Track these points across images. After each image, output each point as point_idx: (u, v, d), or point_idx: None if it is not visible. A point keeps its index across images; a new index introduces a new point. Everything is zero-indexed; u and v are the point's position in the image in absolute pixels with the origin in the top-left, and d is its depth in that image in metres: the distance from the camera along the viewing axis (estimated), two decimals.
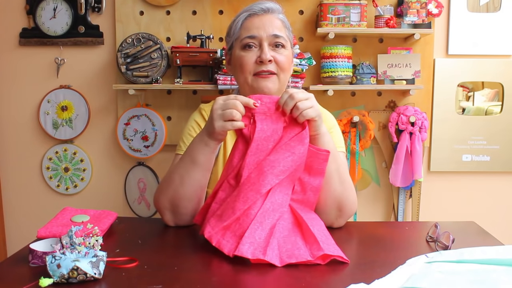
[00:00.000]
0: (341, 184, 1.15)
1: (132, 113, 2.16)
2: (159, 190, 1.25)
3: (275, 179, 1.00)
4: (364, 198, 2.26)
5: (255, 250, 0.92)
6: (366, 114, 2.15)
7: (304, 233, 0.99)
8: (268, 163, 1.01)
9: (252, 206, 0.99)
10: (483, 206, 2.26)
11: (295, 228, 1.01)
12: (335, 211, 1.17)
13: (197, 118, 1.40)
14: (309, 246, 0.95)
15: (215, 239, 0.98)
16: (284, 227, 1.00)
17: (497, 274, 0.82)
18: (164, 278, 0.87)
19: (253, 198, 0.99)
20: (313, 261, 0.92)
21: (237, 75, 1.33)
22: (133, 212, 2.26)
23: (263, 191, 0.99)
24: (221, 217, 1.01)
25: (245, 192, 1.00)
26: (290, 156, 1.02)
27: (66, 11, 2.16)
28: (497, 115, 2.21)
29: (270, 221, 0.99)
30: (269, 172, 1.00)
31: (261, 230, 0.97)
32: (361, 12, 2.01)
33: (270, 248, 0.93)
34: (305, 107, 1.04)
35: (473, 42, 2.18)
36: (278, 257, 0.92)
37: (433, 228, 1.10)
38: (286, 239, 0.97)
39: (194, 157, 1.15)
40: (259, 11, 1.28)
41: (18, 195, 2.29)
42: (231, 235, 0.98)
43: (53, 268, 0.83)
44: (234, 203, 1.00)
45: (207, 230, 1.01)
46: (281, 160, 1.01)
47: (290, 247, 0.95)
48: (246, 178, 1.01)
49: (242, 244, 0.93)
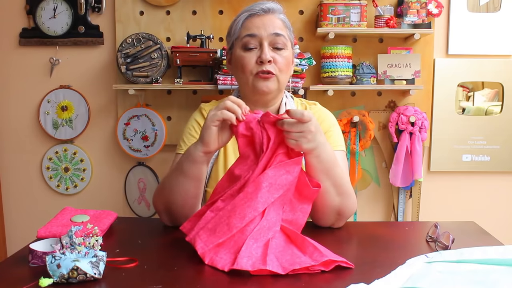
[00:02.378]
0: (338, 195, 1.14)
1: (132, 113, 2.16)
2: (156, 193, 1.25)
3: (271, 197, 0.98)
4: (364, 198, 2.26)
5: (254, 263, 0.89)
6: (366, 114, 2.15)
7: (301, 245, 0.96)
8: (267, 178, 0.98)
9: (249, 223, 0.95)
10: (483, 206, 2.26)
11: (290, 244, 0.97)
12: (334, 217, 1.17)
13: (197, 118, 1.40)
14: (309, 255, 0.92)
15: (208, 257, 0.94)
16: (278, 243, 0.97)
17: (497, 274, 0.82)
18: (164, 278, 0.87)
19: (251, 216, 0.95)
20: (316, 267, 0.89)
21: (237, 75, 1.33)
22: (133, 212, 2.26)
23: (260, 209, 0.96)
24: (215, 232, 0.96)
25: (242, 208, 0.96)
26: (284, 174, 0.99)
27: (66, 11, 2.16)
28: (497, 115, 2.21)
29: (264, 238, 0.96)
30: (266, 189, 0.97)
31: (256, 246, 0.93)
32: (361, 12, 2.01)
33: (270, 259, 0.90)
34: (289, 136, 1.02)
35: (473, 42, 2.18)
36: (279, 266, 0.89)
37: (433, 228, 1.10)
38: (283, 252, 0.94)
39: (185, 169, 1.13)
40: (259, 11, 1.28)
41: (18, 195, 2.29)
42: (225, 252, 0.94)
43: (53, 268, 0.83)
44: (229, 218, 0.96)
45: (199, 245, 0.97)
46: (277, 177, 0.99)
47: (290, 257, 0.92)
48: (243, 192, 0.98)
49: (240, 258, 0.90)
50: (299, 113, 1.01)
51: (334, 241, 1.12)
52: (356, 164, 2.16)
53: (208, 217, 1.01)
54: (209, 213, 1.02)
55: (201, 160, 1.11)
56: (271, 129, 1.02)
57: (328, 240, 1.11)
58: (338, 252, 0.95)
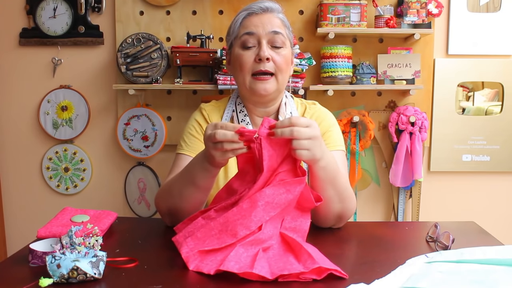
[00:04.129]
0: (340, 202, 1.13)
1: (132, 113, 2.16)
2: (160, 195, 1.25)
3: (266, 215, 0.95)
4: (364, 198, 2.26)
5: (241, 267, 0.86)
6: (366, 114, 2.15)
7: (297, 253, 0.92)
8: (264, 197, 0.95)
9: (240, 240, 0.93)
10: (483, 206, 2.26)
11: (287, 252, 0.94)
12: (335, 220, 1.18)
13: (198, 118, 1.40)
14: (303, 262, 0.88)
15: (193, 264, 0.91)
16: (276, 252, 0.94)
17: (497, 274, 0.82)
18: (164, 278, 0.87)
19: (242, 234, 0.93)
20: (307, 274, 0.85)
21: (236, 74, 1.32)
22: (133, 212, 2.26)
23: (253, 227, 0.93)
24: (204, 243, 0.94)
25: (234, 224, 0.93)
26: (284, 193, 0.96)
27: (66, 11, 2.16)
28: (497, 115, 2.21)
29: (255, 249, 0.92)
30: (261, 207, 0.94)
31: (246, 255, 0.90)
32: (361, 12, 2.01)
33: (259, 264, 0.86)
34: (301, 146, 0.96)
35: (473, 42, 2.18)
36: (268, 272, 0.85)
37: (433, 228, 1.10)
38: (279, 259, 0.91)
39: (195, 180, 1.12)
40: (258, 10, 1.28)
41: (18, 195, 2.29)
42: (212, 258, 0.91)
43: (53, 268, 0.83)
44: (220, 233, 0.94)
45: (184, 250, 0.94)
46: (275, 196, 0.96)
47: (282, 264, 0.88)
48: (237, 207, 0.95)
49: (228, 261, 0.87)
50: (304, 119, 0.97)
51: (334, 241, 1.12)
52: (356, 164, 2.16)
53: (198, 224, 1.00)
54: (200, 220, 1.01)
55: (216, 172, 1.10)
56: (269, 147, 0.97)
57: (328, 240, 1.12)
58: (338, 252, 0.96)
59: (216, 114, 1.40)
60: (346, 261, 0.99)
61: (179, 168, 1.24)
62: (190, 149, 1.33)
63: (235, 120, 1.36)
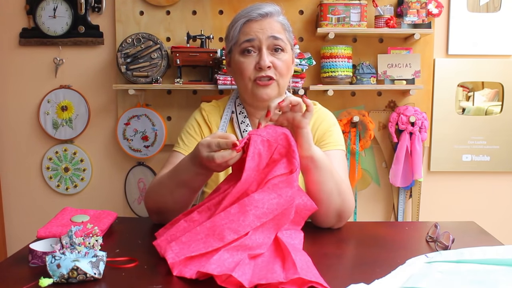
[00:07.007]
0: (339, 196, 1.14)
1: (132, 113, 2.15)
2: (149, 193, 1.25)
3: (257, 221, 0.93)
4: (364, 198, 2.26)
5: (222, 270, 0.83)
6: (366, 114, 2.15)
7: (285, 260, 0.88)
8: (252, 202, 0.94)
9: (227, 244, 0.90)
10: (483, 206, 2.26)
11: (276, 258, 0.91)
12: (335, 218, 1.17)
13: (197, 117, 1.40)
14: (286, 271, 0.83)
15: (177, 269, 0.89)
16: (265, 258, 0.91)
17: (497, 274, 0.82)
18: (164, 278, 0.87)
19: (230, 238, 0.90)
20: (286, 285, 0.80)
21: (237, 80, 1.33)
22: (133, 212, 2.26)
23: (241, 232, 0.91)
24: (189, 247, 0.91)
25: (221, 229, 0.91)
26: (276, 198, 0.95)
27: (66, 11, 2.16)
28: (497, 115, 2.21)
29: (240, 255, 0.89)
30: (251, 212, 0.93)
31: (231, 261, 0.87)
32: (361, 12, 2.01)
33: (240, 268, 0.83)
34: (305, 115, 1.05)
35: (473, 42, 2.18)
36: (247, 280, 0.81)
37: (433, 228, 1.10)
38: (266, 266, 0.87)
39: (188, 183, 1.12)
40: (257, 16, 1.26)
41: (18, 195, 2.29)
42: (195, 264, 0.89)
43: (53, 268, 0.83)
44: (207, 237, 0.92)
45: (169, 256, 0.91)
46: (265, 201, 0.94)
47: (264, 272, 0.84)
48: (225, 211, 0.93)
49: (209, 264, 0.85)
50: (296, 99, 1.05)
51: (334, 241, 1.12)
52: (356, 164, 2.16)
53: (180, 227, 0.99)
54: (183, 223, 0.99)
55: (210, 174, 1.11)
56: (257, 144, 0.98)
57: (328, 240, 1.12)
58: (338, 252, 0.95)
59: (216, 114, 1.40)
60: (346, 261, 0.99)
61: (172, 165, 1.24)
62: (186, 148, 1.34)
63: (234, 121, 1.36)
